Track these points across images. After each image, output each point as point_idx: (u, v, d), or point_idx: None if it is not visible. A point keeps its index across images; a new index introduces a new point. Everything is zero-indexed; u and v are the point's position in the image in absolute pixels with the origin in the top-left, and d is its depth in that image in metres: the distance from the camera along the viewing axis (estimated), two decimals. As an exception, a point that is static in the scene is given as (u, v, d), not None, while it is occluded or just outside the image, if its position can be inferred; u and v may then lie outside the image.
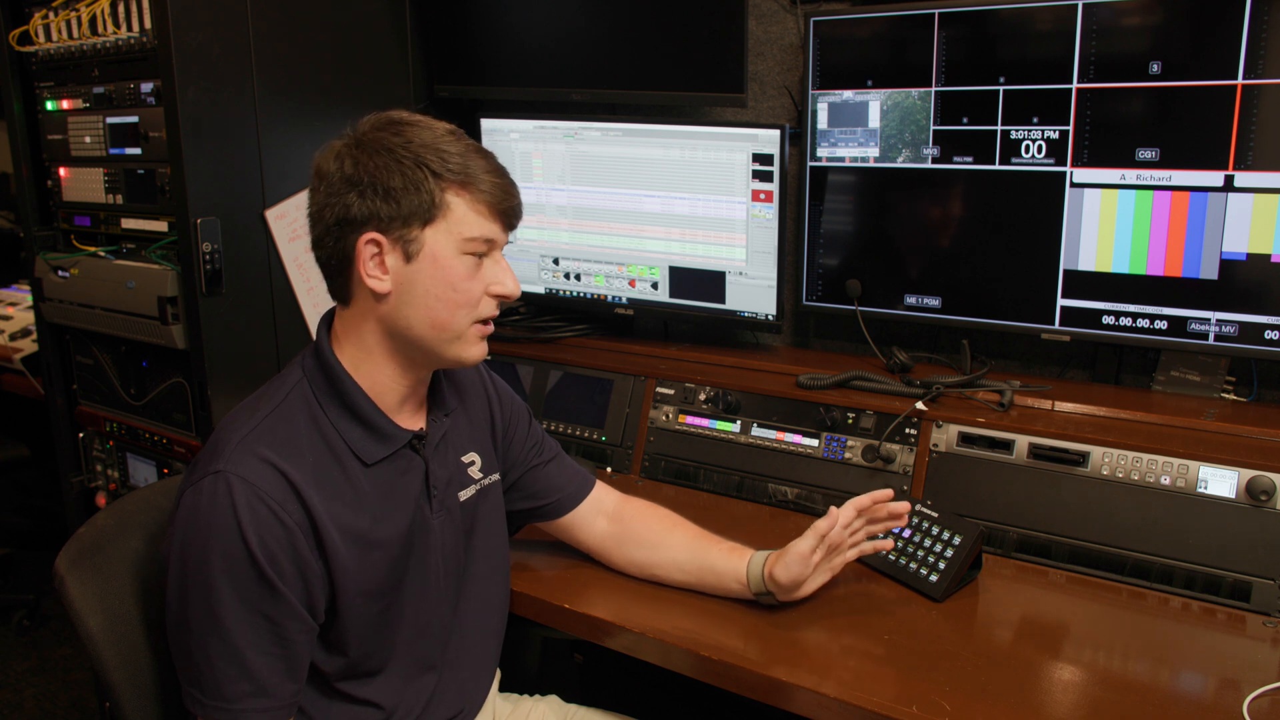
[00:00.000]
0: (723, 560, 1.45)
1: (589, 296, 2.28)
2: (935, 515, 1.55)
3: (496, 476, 1.44)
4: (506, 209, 1.22)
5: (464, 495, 1.36)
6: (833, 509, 1.41)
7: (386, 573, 1.23)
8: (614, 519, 1.55)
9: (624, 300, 2.24)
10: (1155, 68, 1.67)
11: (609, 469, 2.02)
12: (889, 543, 1.49)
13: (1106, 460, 1.60)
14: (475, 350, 1.26)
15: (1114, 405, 1.73)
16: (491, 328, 1.27)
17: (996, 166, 1.85)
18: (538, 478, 1.51)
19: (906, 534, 1.56)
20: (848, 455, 1.80)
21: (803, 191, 2.07)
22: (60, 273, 2.09)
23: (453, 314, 1.21)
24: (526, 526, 1.64)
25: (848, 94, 1.98)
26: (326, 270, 1.23)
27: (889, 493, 1.45)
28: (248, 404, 1.23)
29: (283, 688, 1.14)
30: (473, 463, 1.40)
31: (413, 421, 1.30)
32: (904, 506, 1.46)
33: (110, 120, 1.95)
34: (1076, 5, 1.71)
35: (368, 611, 1.22)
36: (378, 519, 1.22)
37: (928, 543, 1.53)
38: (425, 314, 1.20)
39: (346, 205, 1.17)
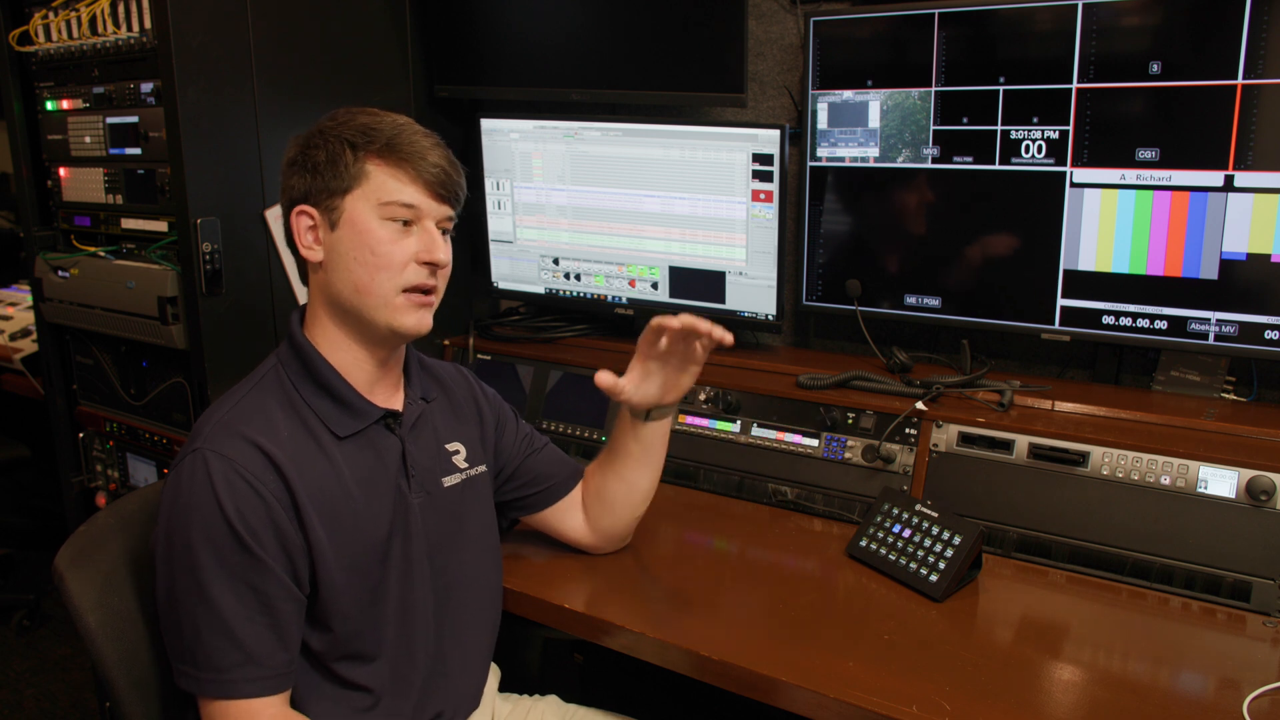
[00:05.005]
0: (622, 441, 1.52)
1: (589, 296, 2.28)
2: (935, 515, 1.55)
3: (484, 469, 1.45)
4: (429, 176, 1.23)
5: (448, 482, 1.38)
6: (597, 376, 1.42)
7: (368, 549, 1.25)
8: (585, 512, 1.59)
9: (624, 300, 2.24)
10: (1155, 68, 1.67)
11: (609, 469, 2.01)
12: (727, 337, 1.36)
13: (1106, 460, 1.60)
14: (408, 319, 1.25)
15: (1114, 405, 1.73)
16: (431, 298, 1.27)
17: (996, 166, 1.85)
18: (532, 465, 1.55)
19: (906, 534, 1.56)
20: (848, 455, 1.80)
21: (803, 191, 2.07)
22: (60, 273, 2.09)
23: (373, 277, 1.22)
24: (520, 525, 1.64)
25: (848, 94, 1.98)
26: (293, 252, 1.30)
27: (679, 321, 1.37)
28: (225, 394, 1.27)
29: (274, 657, 1.16)
30: (457, 452, 1.42)
31: (387, 401, 1.33)
32: (695, 323, 1.35)
33: (110, 120, 1.95)
34: (1076, 5, 1.71)
35: (352, 587, 1.23)
36: (355, 494, 1.25)
37: (928, 543, 1.53)
38: (349, 278, 1.24)
39: (291, 186, 1.27)
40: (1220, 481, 1.52)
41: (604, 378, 1.42)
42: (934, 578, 1.48)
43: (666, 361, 1.44)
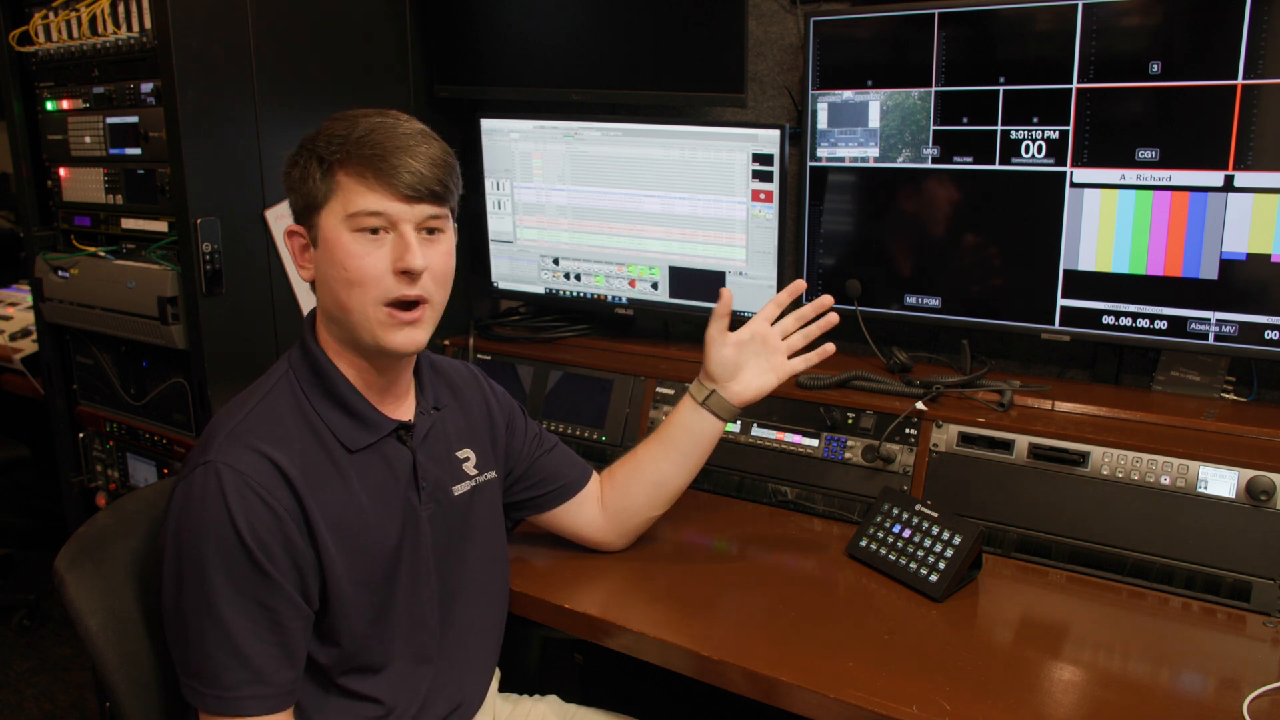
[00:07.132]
0: (672, 423, 1.56)
1: (589, 296, 2.28)
2: (935, 515, 1.55)
3: (493, 474, 1.45)
4: (395, 178, 1.16)
5: (458, 490, 1.37)
6: (723, 290, 1.55)
7: (377, 563, 1.24)
8: (603, 504, 1.59)
9: (624, 300, 2.24)
10: (1155, 68, 1.67)
11: (609, 469, 2.01)
12: (830, 347, 1.54)
13: (1106, 460, 1.60)
14: (394, 336, 1.20)
15: (1114, 405, 1.73)
16: (415, 314, 1.21)
17: (996, 166, 1.85)
18: (543, 465, 1.54)
19: (906, 534, 1.56)
20: (848, 455, 1.80)
21: (803, 191, 2.07)
22: (60, 273, 2.09)
23: (348, 294, 1.19)
24: (524, 524, 1.64)
25: (848, 94, 1.98)
26: None
27: (801, 285, 1.57)
28: (237, 399, 1.25)
29: (280, 675, 1.15)
30: (467, 459, 1.40)
31: (398, 413, 1.31)
32: (827, 299, 1.55)
33: (110, 120, 1.95)
34: (1076, 5, 1.70)
35: (361, 603, 1.23)
36: (366, 508, 1.23)
37: (928, 543, 1.53)
38: (330, 297, 1.22)
39: (292, 205, 1.25)
40: (1220, 481, 1.52)
41: (727, 292, 1.54)
42: (934, 578, 1.48)
43: (765, 344, 1.53)
